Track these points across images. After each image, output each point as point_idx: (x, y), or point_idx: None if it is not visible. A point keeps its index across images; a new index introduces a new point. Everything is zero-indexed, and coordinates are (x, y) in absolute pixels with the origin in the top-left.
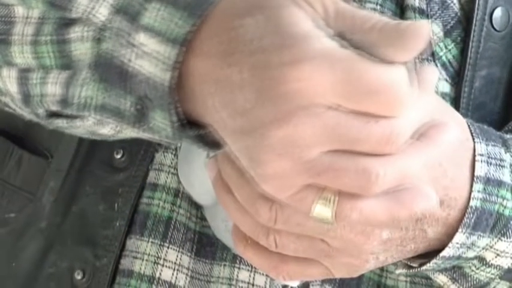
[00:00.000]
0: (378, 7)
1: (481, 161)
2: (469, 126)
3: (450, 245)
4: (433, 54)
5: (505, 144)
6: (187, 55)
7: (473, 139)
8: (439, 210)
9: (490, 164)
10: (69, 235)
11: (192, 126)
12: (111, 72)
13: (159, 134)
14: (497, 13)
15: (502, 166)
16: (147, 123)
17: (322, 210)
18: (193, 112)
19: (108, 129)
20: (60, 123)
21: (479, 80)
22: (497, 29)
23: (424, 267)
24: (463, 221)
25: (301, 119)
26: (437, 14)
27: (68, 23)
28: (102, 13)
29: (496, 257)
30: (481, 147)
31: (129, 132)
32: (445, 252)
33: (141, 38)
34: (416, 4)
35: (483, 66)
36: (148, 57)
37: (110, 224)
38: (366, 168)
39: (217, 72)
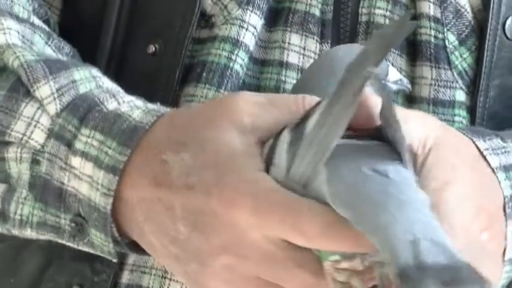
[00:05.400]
0: (388, 13)
1: (489, 154)
2: (462, 132)
3: (507, 242)
4: (449, 63)
5: (498, 136)
6: (120, 182)
7: (472, 139)
8: None
9: (497, 154)
10: (67, 251)
11: (129, 241)
12: (46, 193)
13: (100, 249)
14: (510, 22)
15: (508, 152)
16: (84, 238)
17: None
18: (128, 233)
19: (47, 237)
20: (1, 230)
21: (494, 89)
22: (511, 38)
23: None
24: (507, 213)
25: (239, 249)
26: (452, 23)
27: (5, 142)
28: (39, 138)
29: None
30: (480, 144)
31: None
32: (509, 254)
33: (77, 162)
34: (431, 13)
35: (497, 75)
36: (84, 180)
37: None
38: None
39: (147, 204)
